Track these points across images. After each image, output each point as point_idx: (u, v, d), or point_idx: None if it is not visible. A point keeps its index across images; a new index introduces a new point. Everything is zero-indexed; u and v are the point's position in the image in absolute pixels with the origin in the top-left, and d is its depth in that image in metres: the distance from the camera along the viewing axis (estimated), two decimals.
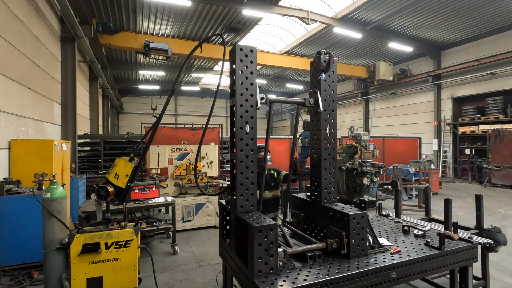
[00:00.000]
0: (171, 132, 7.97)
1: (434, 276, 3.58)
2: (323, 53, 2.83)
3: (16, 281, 3.96)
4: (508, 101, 12.43)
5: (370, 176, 6.88)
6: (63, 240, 2.81)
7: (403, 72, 16.60)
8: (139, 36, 11.41)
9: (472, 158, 13.39)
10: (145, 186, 5.12)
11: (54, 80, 7.52)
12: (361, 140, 7.39)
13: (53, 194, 2.83)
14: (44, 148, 4.97)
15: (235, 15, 11.58)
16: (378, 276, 2.36)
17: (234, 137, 2.52)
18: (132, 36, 11.39)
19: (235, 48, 2.50)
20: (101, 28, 10.28)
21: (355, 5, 11.22)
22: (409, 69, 16.51)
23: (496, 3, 10.53)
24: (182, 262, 4.69)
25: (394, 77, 16.60)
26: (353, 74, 16.82)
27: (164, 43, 11.30)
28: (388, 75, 16.20)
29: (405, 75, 16.54)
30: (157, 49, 11.21)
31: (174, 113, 26.24)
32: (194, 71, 18.92)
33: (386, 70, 16.15)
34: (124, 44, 11.25)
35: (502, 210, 7.84)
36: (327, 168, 2.84)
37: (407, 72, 16.48)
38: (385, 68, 16.12)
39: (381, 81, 16.34)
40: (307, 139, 6.73)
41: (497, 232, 3.43)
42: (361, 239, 2.43)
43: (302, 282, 2.09)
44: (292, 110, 28.08)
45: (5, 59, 4.91)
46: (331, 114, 2.87)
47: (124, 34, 11.39)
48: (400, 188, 4.29)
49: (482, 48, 13.33)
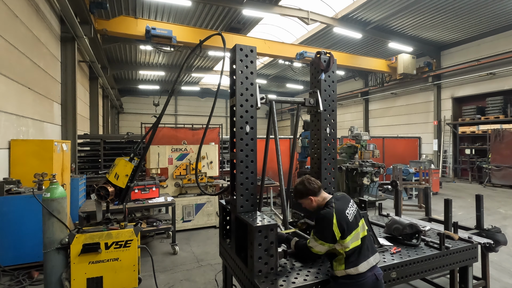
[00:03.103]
0: (171, 132, 7.97)
1: (434, 276, 3.58)
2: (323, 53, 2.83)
3: (16, 281, 3.96)
4: (508, 101, 12.42)
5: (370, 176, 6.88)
6: (63, 240, 2.81)
7: (427, 65, 15.22)
8: (140, 22, 9.88)
9: (472, 158, 13.39)
10: (145, 186, 5.12)
11: (54, 80, 7.52)
12: (361, 140, 7.39)
13: (53, 194, 2.83)
14: (44, 148, 4.97)
15: (235, 15, 11.59)
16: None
17: (234, 137, 2.52)
18: (132, 21, 9.85)
19: (235, 48, 2.50)
20: (95, 9, 8.88)
21: (355, 5, 11.23)
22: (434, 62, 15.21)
23: (496, 3, 10.52)
24: (182, 262, 4.68)
25: (418, 71, 15.23)
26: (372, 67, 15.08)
27: (168, 30, 9.91)
28: (411, 69, 14.68)
29: (429, 68, 15.15)
30: (160, 36, 9.82)
31: (174, 113, 26.24)
32: (194, 71, 18.92)
33: (410, 63, 14.62)
34: (122, 30, 9.76)
35: (502, 210, 7.84)
36: (327, 168, 2.84)
37: (432, 66, 15.14)
38: (409, 61, 14.60)
39: (404, 74, 14.85)
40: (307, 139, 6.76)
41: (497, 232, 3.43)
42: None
43: (302, 282, 2.09)
44: (292, 110, 28.07)
45: (5, 59, 4.91)
46: (331, 114, 2.87)
47: (123, 18, 9.89)
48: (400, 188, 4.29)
49: (482, 48, 13.32)
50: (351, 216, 2.12)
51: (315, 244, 2.11)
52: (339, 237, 2.03)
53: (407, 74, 14.96)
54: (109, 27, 9.58)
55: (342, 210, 2.11)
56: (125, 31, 9.83)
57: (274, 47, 12.29)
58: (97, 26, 9.39)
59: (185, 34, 10.45)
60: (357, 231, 2.11)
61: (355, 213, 2.18)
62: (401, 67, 14.58)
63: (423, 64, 15.47)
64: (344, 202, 2.19)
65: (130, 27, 9.80)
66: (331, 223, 2.03)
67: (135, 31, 9.83)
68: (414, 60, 14.83)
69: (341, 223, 2.04)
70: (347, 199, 2.26)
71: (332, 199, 2.19)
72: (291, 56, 12.61)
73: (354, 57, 14.31)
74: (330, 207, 2.12)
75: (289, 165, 3.03)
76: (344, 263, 2.05)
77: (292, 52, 12.61)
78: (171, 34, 9.92)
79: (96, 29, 9.22)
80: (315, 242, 2.11)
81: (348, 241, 2.04)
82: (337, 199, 2.20)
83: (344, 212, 2.11)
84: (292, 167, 3.02)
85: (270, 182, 7.54)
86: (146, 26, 9.70)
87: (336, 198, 2.21)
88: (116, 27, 9.70)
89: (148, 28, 9.64)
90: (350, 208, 2.17)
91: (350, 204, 2.22)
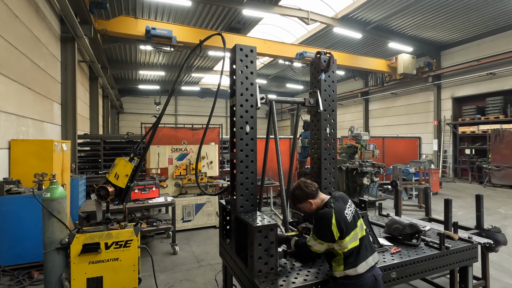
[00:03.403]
0: (171, 132, 7.97)
1: (434, 276, 3.58)
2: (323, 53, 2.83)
3: (16, 281, 3.96)
4: (508, 101, 12.43)
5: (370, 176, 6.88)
6: (63, 240, 2.81)
7: (427, 65, 15.25)
8: (140, 22, 9.93)
9: (472, 158, 13.39)
10: (145, 186, 5.12)
11: (54, 80, 7.52)
12: (361, 140, 7.39)
13: (53, 194, 2.83)
14: (44, 148, 4.97)
15: (235, 15, 11.59)
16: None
17: (234, 137, 2.52)
18: (132, 21, 9.89)
19: (235, 48, 2.50)
20: (95, 9, 8.89)
21: (355, 5, 11.23)
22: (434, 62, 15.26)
23: (496, 3, 10.53)
24: (182, 262, 4.68)
25: (418, 71, 15.24)
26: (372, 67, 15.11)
27: (168, 30, 9.97)
28: (411, 69, 14.71)
29: (430, 68, 15.19)
30: (160, 36, 9.83)
31: (174, 113, 26.25)
32: (194, 71, 18.92)
33: (410, 63, 14.65)
34: (122, 30, 9.79)
35: (502, 210, 7.84)
36: (327, 168, 2.84)
37: (432, 66, 15.18)
38: (409, 61, 14.63)
39: (404, 74, 14.89)
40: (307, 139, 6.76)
41: (497, 232, 3.43)
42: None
43: (302, 282, 2.09)
44: (292, 110, 28.08)
45: (5, 59, 4.91)
46: (331, 114, 2.87)
47: (123, 18, 9.95)
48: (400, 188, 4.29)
49: (482, 48, 13.32)
50: (349, 216, 2.12)
51: (314, 243, 2.11)
52: (337, 237, 2.03)
53: (407, 74, 14.96)
54: (109, 27, 9.59)
55: (341, 211, 2.11)
56: (125, 31, 9.84)
57: (274, 47, 12.27)
58: (97, 26, 9.39)
59: (185, 34, 10.45)
60: (355, 231, 2.10)
61: (353, 213, 2.18)
62: (401, 67, 14.58)
63: (423, 64, 15.47)
64: (342, 202, 2.19)
65: (130, 27, 9.80)
66: (330, 223, 2.03)
67: (135, 31, 9.83)
68: (414, 60, 14.84)
69: (340, 224, 2.04)
70: (346, 199, 2.26)
71: (331, 199, 2.19)
72: (291, 56, 12.57)
73: (354, 57, 14.31)
74: (329, 207, 2.12)
75: (289, 165, 3.03)
76: (343, 264, 2.05)
77: (292, 52, 12.58)
78: (171, 34, 9.93)
79: (96, 29, 9.21)
80: (314, 241, 2.11)
81: (346, 241, 2.04)
82: (336, 199, 2.19)
83: (343, 212, 2.11)
84: (292, 167, 3.02)
85: (270, 182, 7.54)
86: (146, 26, 9.70)
87: (334, 198, 2.21)
88: (116, 27, 9.70)
89: (148, 28, 9.64)
90: (348, 208, 2.17)
91: (348, 204, 2.22)
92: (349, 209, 2.17)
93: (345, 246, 2.04)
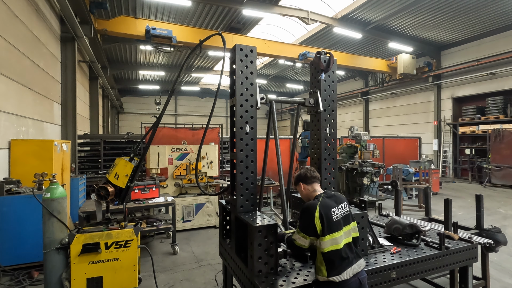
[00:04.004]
0: (171, 132, 7.97)
1: (434, 276, 3.58)
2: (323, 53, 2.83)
3: (16, 281, 3.96)
4: (508, 101, 12.43)
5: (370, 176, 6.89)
6: (63, 240, 2.81)
7: (427, 65, 15.20)
8: (140, 22, 9.93)
9: (472, 158, 13.39)
10: (145, 186, 5.12)
11: (54, 80, 7.52)
12: (361, 140, 7.40)
13: (53, 194, 2.83)
14: (44, 148, 4.97)
15: (235, 15, 11.59)
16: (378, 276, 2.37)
17: (234, 137, 2.52)
18: (132, 21, 9.88)
19: (235, 48, 2.50)
20: (95, 9, 8.86)
21: (355, 5, 11.23)
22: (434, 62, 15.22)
23: (496, 3, 10.53)
24: (182, 262, 4.68)
25: (418, 71, 15.22)
26: (372, 67, 15.07)
27: (168, 30, 9.97)
28: (411, 69, 14.69)
29: (430, 68, 15.14)
30: (160, 36, 9.83)
31: (174, 113, 26.25)
32: (194, 71, 18.92)
33: (410, 63, 14.63)
34: (122, 30, 9.78)
35: (502, 210, 7.84)
36: (327, 168, 2.84)
37: (432, 66, 15.13)
38: (409, 61, 14.60)
39: (404, 74, 14.87)
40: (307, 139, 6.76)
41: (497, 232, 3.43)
42: (361, 239, 2.43)
43: (302, 282, 2.09)
44: (292, 110, 28.07)
45: (5, 59, 4.91)
46: (331, 114, 2.87)
47: (123, 18, 9.94)
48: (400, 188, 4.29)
49: (482, 48, 13.32)
50: (337, 216, 2.03)
51: (297, 237, 2.06)
52: (320, 230, 1.95)
53: (407, 74, 14.95)
54: (109, 27, 9.58)
55: (328, 206, 2.03)
56: (125, 31, 9.83)
57: (274, 47, 12.27)
58: (97, 26, 9.38)
59: (185, 34, 10.45)
60: (339, 234, 1.99)
61: (343, 215, 2.08)
62: (401, 67, 14.56)
63: (423, 64, 15.46)
64: (334, 201, 2.11)
65: (130, 27, 9.80)
66: (312, 215, 1.97)
67: (135, 31, 9.83)
68: (414, 60, 14.82)
69: (323, 218, 1.96)
70: (340, 200, 2.16)
71: (322, 194, 2.14)
72: (291, 56, 12.59)
73: (354, 57, 14.31)
74: (316, 200, 2.08)
75: (289, 165, 3.03)
76: (325, 268, 1.95)
77: (292, 52, 12.59)
78: (171, 34, 9.93)
79: (96, 29, 9.21)
80: (297, 234, 2.06)
81: (326, 240, 1.95)
82: (328, 196, 2.13)
83: (329, 209, 2.03)
84: (292, 167, 3.02)
85: (270, 182, 7.54)
86: (146, 26, 9.71)
87: (327, 195, 2.14)
88: (116, 27, 9.69)
89: (148, 28, 9.65)
90: (339, 209, 2.08)
91: (342, 205, 2.12)
92: (339, 210, 2.08)
93: (324, 246, 1.94)
